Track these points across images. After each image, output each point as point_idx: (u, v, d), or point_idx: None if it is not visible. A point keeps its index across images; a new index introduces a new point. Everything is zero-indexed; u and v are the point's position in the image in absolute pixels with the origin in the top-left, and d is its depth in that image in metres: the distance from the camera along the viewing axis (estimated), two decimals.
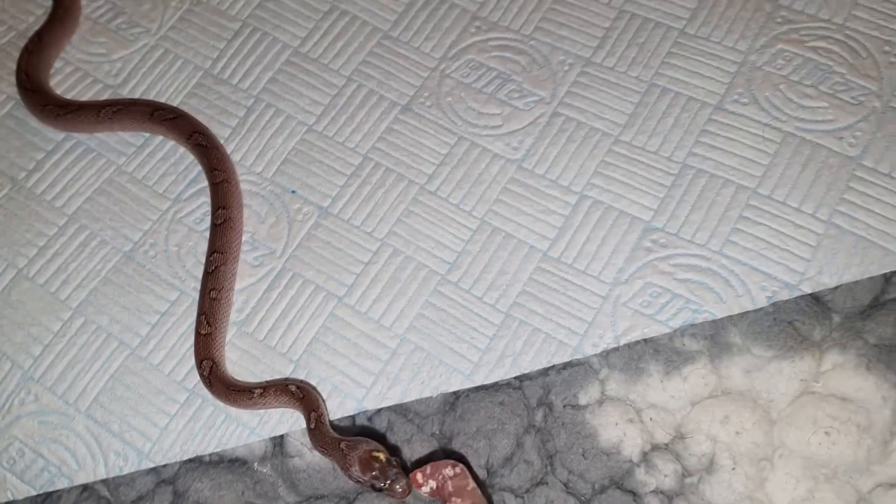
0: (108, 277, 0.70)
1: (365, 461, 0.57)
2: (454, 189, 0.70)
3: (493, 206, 0.69)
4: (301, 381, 0.64)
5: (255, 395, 0.62)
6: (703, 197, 0.67)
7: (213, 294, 0.66)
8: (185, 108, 0.76)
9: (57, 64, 0.80)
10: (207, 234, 0.70)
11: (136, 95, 0.77)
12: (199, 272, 0.69)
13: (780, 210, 0.66)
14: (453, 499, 0.57)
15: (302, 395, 0.62)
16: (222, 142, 0.74)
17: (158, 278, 0.69)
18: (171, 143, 0.75)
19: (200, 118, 0.75)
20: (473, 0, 0.78)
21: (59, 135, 0.76)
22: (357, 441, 0.59)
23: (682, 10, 0.75)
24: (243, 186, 0.72)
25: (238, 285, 0.68)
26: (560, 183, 0.70)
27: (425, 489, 0.58)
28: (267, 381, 0.65)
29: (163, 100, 0.77)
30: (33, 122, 0.77)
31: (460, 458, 0.62)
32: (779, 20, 0.73)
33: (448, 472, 0.58)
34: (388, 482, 0.56)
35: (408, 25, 0.78)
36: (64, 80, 0.79)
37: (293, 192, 0.72)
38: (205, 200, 0.72)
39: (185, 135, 0.73)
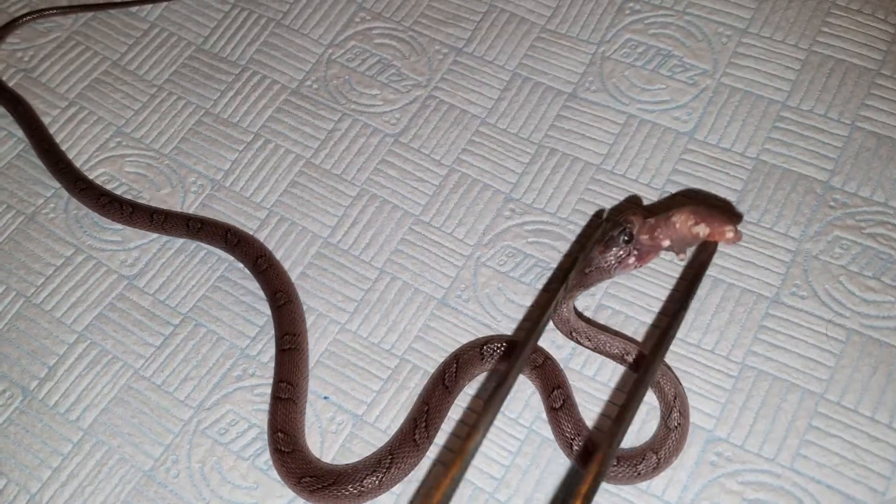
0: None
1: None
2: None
3: None
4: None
5: None
6: (766, 403, 0.63)
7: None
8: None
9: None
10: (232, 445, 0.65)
11: (145, 282, 0.73)
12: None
13: (852, 419, 0.62)
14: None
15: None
16: None
17: (181, 500, 0.64)
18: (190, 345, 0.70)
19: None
20: None
21: (70, 336, 0.72)
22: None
23: (727, 191, 0.72)
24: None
25: None
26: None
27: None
28: None
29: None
30: (45, 321, 0.72)
31: None
32: (832, 203, 0.70)
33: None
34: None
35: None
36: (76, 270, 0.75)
37: (326, 398, 0.67)
38: (230, 408, 0.67)
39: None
